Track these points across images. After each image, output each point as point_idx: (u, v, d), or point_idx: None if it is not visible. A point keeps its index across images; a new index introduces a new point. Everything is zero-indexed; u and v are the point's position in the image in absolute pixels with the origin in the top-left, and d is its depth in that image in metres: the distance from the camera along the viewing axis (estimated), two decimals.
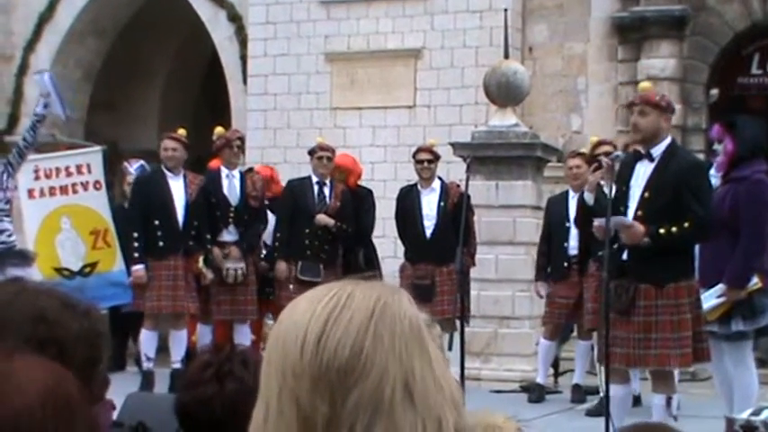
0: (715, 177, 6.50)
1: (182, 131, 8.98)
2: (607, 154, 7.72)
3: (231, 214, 8.83)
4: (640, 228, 5.71)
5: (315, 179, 9.09)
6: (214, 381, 2.33)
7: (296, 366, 1.20)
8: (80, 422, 1.31)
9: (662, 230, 5.70)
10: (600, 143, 8.59)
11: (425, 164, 9.12)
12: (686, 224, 5.72)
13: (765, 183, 6.39)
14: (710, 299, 6.27)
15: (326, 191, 9.04)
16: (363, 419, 1.18)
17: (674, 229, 5.71)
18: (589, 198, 6.68)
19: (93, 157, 8.96)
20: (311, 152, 9.29)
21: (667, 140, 5.98)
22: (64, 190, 8.66)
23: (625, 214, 5.88)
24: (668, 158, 5.89)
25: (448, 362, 1.29)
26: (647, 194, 5.86)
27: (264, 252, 9.35)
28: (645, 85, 6.62)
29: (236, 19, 14.82)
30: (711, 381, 6.95)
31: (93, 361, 1.64)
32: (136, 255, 8.53)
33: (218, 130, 9.22)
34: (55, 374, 1.33)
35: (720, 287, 6.26)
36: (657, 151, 5.91)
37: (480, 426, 1.83)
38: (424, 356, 1.23)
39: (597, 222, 5.93)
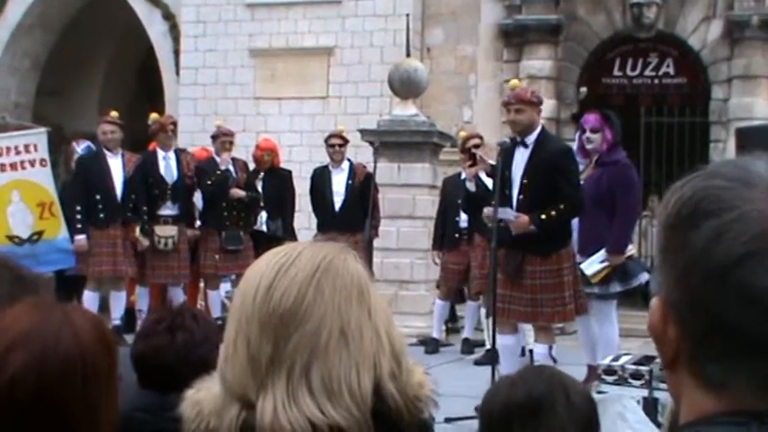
0: (582, 164, 6.58)
1: (114, 113, 8.85)
2: (476, 146, 7.86)
3: (169, 191, 8.70)
4: (525, 218, 5.74)
5: (218, 159, 8.96)
6: (166, 332, 2.31)
7: (249, 312, 1.21)
8: (116, 356, 1.37)
9: (543, 216, 5.73)
10: (469, 137, 8.43)
11: (336, 147, 9.13)
12: (562, 206, 5.77)
13: (632, 166, 6.69)
14: (594, 264, 6.39)
15: (231, 167, 8.95)
16: (302, 360, 1.18)
17: (553, 212, 5.75)
18: (470, 186, 6.84)
19: (38, 137, 8.71)
20: (214, 137, 9.18)
21: (538, 129, 6.01)
22: (13, 166, 8.41)
23: (510, 197, 5.95)
24: (540, 145, 5.94)
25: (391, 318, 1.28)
26: (525, 181, 5.91)
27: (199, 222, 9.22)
28: (514, 82, 6.61)
29: (169, 17, 14.60)
30: (576, 334, 7.12)
31: None
32: (78, 225, 8.43)
33: (153, 116, 9.06)
34: (98, 318, 1.38)
35: (602, 254, 6.38)
36: (531, 139, 5.95)
37: None
38: (363, 308, 1.23)
39: (486, 211, 5.99)
